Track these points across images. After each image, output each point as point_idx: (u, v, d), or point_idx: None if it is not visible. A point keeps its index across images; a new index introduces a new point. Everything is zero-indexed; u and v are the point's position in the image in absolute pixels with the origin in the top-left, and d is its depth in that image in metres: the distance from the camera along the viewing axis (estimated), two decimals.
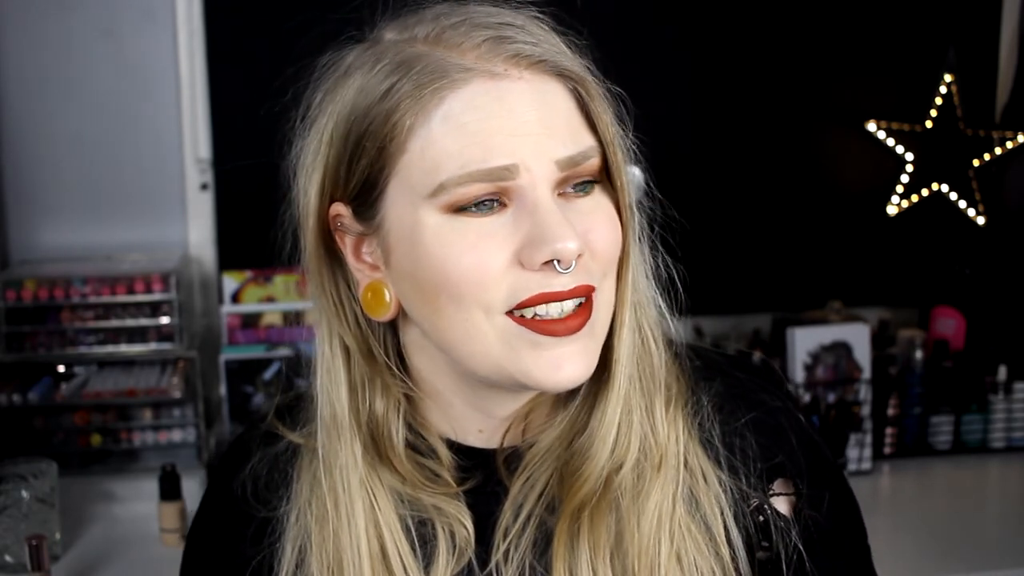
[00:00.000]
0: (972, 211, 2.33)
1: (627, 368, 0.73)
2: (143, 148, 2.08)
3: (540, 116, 0.67)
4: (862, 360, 2.00)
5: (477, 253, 0.66)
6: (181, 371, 1.90)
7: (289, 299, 2.01)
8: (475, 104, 0.66)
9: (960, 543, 1.71)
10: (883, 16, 2.28)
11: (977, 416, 2.07)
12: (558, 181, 0.68)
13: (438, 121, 0.66)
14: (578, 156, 0.68)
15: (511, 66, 0.67)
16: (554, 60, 0.68)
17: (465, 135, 0.66)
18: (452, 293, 0.67)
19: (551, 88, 0.68)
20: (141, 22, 2.04)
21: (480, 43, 0.67)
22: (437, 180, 0.66)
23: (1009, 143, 2.30)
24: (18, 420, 1.84)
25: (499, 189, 0.66)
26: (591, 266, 0.69)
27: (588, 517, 0.71)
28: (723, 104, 2.22)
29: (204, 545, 0.84)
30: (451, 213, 0.67)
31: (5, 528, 1.51)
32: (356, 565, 0.72)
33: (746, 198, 2.25)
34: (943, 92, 2.28)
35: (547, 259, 0.66)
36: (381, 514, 0.73)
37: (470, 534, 0.73)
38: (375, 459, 0.74)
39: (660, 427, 0.74)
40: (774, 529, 0.75)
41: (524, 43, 0.67)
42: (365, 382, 0.75)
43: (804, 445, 0.79)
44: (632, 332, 0.73)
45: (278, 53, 2.07)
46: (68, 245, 2.06)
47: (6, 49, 2.00)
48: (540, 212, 0.66)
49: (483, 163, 0.65)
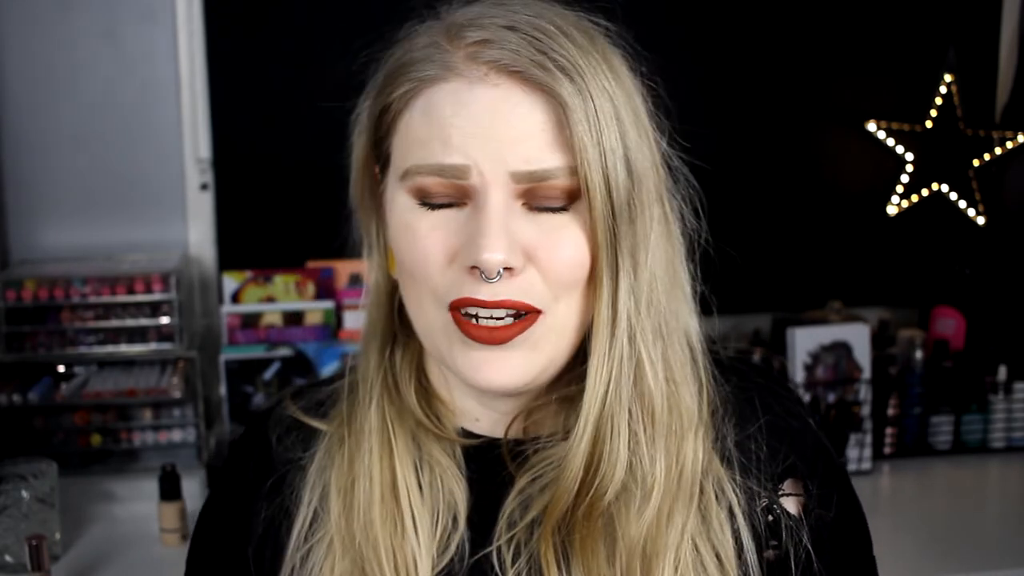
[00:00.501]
0: (972, 211, 2.33)
1: (599, 391, 0.70)
2: (143, 148, 2.08)
3: (503, 125, 0.67)
4: (862, 360, 2.00)
5: (426, 243, 0.69)
6: (181, 371, 1.90)
7: (289, 299, 2.02)
8: (448, 101, 0.68)
9: (960, 543, 1.71)
10: (883, 16, 2.28)
11: (977, 416, 2.07)
12: (519, 193, 0.68)
13: (419, 110, 0.70)
14: (538, 173, 0.67)
15: (491, 71, 0.68)
16: (533, 73, 0.67)
17: (433, 128, 0.69)
18: (411, 274, 0.71)
19: (527, 100, 0.67)
20: (141, 22, 2.04)
21: (471, 43, 0.68)
22: (406, 164, 0.70)
23: (1009, 143, 2.30)
24: (18, 420, 1.84)
25: (455, 188, 0.68)
26: (536, 286, 0.68)
27: (579, 541, 0.71)
28: (723, 104, 2.23)
29: (219, 513, 0.85)
30: (418, 202, 0.70)
31: (5, 528, 1.51)
32: (367, 490, 0.75)
33: (746, 198, 2.25)
34: (943, 92, 2.28)
35: (471, 264, 0.67)
36: (395, 447, 0.76)
37: (458, 499, 0.75)
38: (394, 395, 0.78)
39: (660, 453, 0.72)
40: (784, 529, 0.75)
41: (509, 51, 0.67)
42: (392, 332, 0.80)
43: (814, 447, 0.79)
44: (614, 356, 0.70)
45: (278, 53, 2.08)
46: (68, 245, 2.06)
47: (6, 49, 2.00)
48: (482, 216, 0.67)
49: (441, 158, 0.68)
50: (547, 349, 0.70)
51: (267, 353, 1.94)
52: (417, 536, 0.73)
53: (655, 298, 0.72)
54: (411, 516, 0.74)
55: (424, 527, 0.74)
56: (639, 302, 0.70)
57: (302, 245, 2.06)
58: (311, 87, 2.07)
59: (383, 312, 0.80)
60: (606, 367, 0.70)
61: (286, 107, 2.08)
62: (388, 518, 0.74)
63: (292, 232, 2.09)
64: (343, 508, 0.75)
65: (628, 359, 0.70)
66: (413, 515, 0.74)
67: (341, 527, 0.75)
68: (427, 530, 0.74)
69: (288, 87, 2.07)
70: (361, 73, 0.77)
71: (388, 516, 0.74)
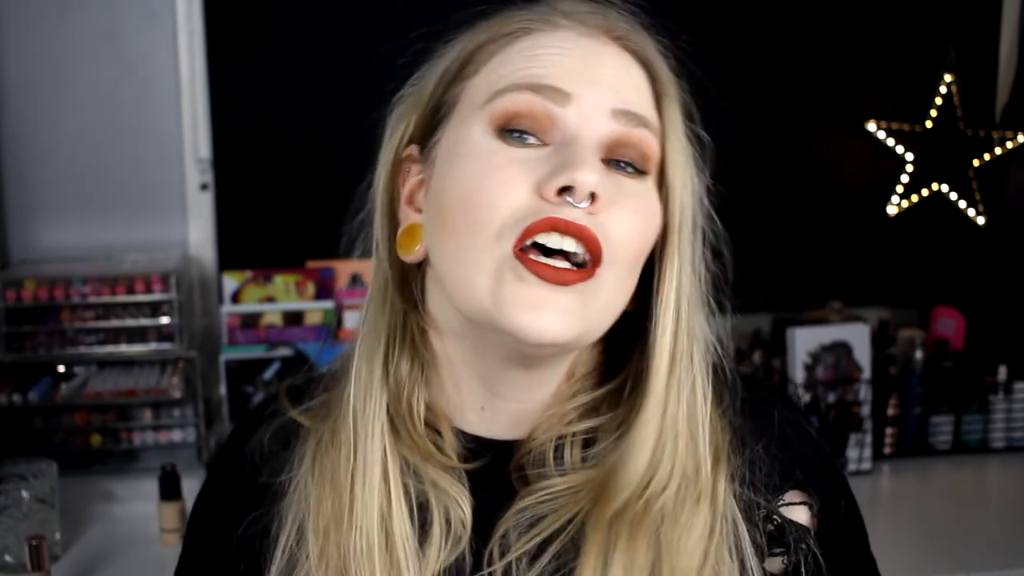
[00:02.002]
0: (972, 211, 2.33)
1: (666, 388, 0.70)
2: (143, 148, 2.08)
3: (611, 74, 0.69)
4: (862, 360, 2.00)
5: (501, 174, 0.66)
6: (181, 371, 1.90)
7: (289, 299, 2.02)
8: (555, 45, 0.69)
9: (960, 543, 1.71)
10: (883, 16, 2.28)
11: (977, 416, 2.07)
12: (609, 139, 0.67)
13: (518, 49, 0.70)
14: (636, 116, 0.68)
15: (601, 32, 0.70)
16: (637, 44, 0.71)
17: (535, 60, 0.68)
18: (470, 214, 0.66)
19: (630, 62, 0.70)
20: (141, 22, 2.04)
21: (582, 13, 0.71)
22: (496, 87, 0.68)
23: (1009, 143, 2.30)
24: (18, 420, 1.84)
25: (546, 114, 0.67)
26: (606, 230, 0.66)
27: (627, 536, 0.68)
28: (723, 104, 2.22)
29: (208, 509, 0.84)
30: (493, 133, 0.67)
31: (5, 528, 1.51)
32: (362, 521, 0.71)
33: (746, 198, 2.25)
34: (943, 92, 2.28)
35: (562, 184, 0.64)
36: (391, 476, 0.72)
37: (466, 516, 0.72)
38: (395, 419, 0.74)
39: (704, 459, 0.71)
40: (790, 537, 0.74)
41: (615, 21, 0.71)
42: (398, 335, 0.75)
43: (816, 457, 0.79)
44: (676, 360, 0.70)
45: (278, 53, 2.08)
46: (68, 245, 2.06)
47: (6, 49, 2.01)
48: (574, 146, 0.66)
49: (540, 79, 0.67)
50: (593, 311, 0.67)
51: (267, 353, 1.94)
52: (409, 568, 0.71)
53: (692, 298, 0.72)
54: (403, 549, 0.71)
55: (414, 559, 0.71)
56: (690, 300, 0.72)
57: (302, 245, 2.06)
58: (311, 87, 2.07)
59: (389, 310, 0.75)
60: (668, 359, 0.70)
61: (286, 107, 2.08)
62: (379, 551, 0.71)
63: (292, 232, 2.09)
64: (329, 541, 0.72)
65: (687, 359, 0.70)
66: (405, 547, 0.71)
67: (330, 561, 0.72)
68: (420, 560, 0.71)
69: (288, 87, 2.07)
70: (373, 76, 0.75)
71: (380, 549, 0.71)
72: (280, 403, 0.82)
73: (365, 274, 1.83)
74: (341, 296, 2.04)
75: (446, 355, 0.75)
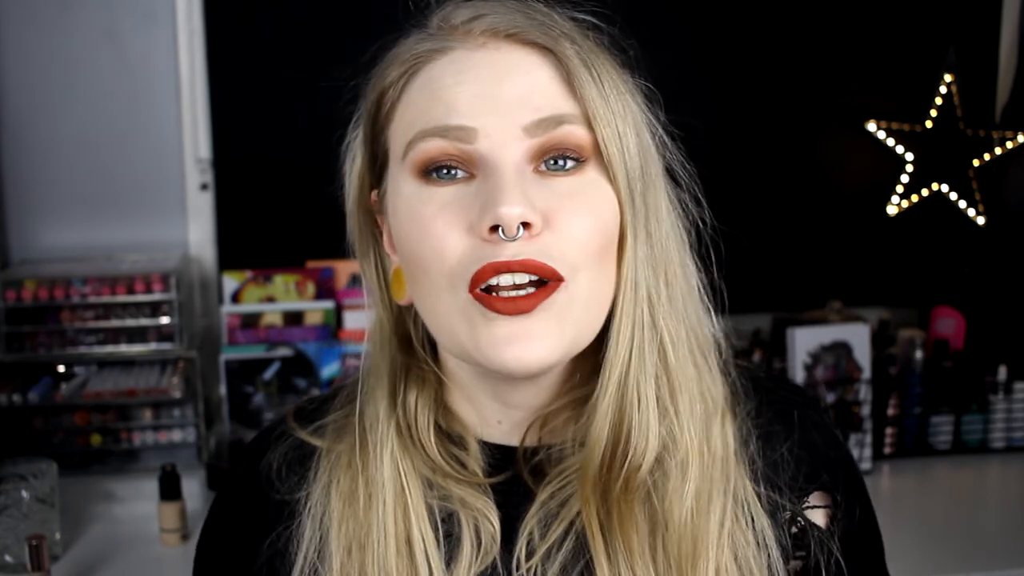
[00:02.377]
0: (972, 211, 2.33)
1: (623, 356, 0.68)
2: (143, 148, 2.08)
3: (508, 84, 0.66)
4: (862, 360, 2.00)
5: (437, 223, 0.66)
6: (181, 371, 1.90)
7: (289, 299, 2.02)
8: (449, 71, 0.67)
9: (960, 543, 1.71)
10: (883, 16, 2.28)
11: (977, 416, 2.07)
12: (532, 151, 0.66)
13: (417, 88, 0.69)
14: (550, 119, 0.66)
15: (489, 38, 0.68)
16: (529, 32, 0.67)
17: (434, 96, 0.67)
18: (423, 267, 0.68)
19: (530, 58, 0.67)
20: (141, 22, 2.04)
21: (467, 19, 0.69)
22: (407, 138, 0.68)
23: (1009, 143, 2.30)
24: (18, 420, 1.84)
25: (460, 152, 0.66)
26: (554, 249, 0.65)
27: (617, 516, 0.69)
28: (723, 104, 2.23)
29: (223, 527, 0.83)
30: (420, 180, 0.67)
31: (5, 528, 1.51)
32: (381, 544, 0.72)
33: (746, 198, 2.25)
34: (943, 92, 2.28)
35: (490, 224, 0.63)
36: (411, 498, 0.72)
37: (496, 531, 0.72)
38: (408, 443, 0.74)
39: (687, 428, 0.71)
40: (812, 540, 0.74)
41: (505, 18, 0.68)
42: (403, 369, 0.76)
43: (839, 460, 0.79)
44: (636, 322, 0.69)
45: (278, 53, 2.08)
46: (68, 245, 2.06)
47: (6, 49, 2.00)
48: (495, 178, 0.64)
49: (443, 119, 0.66)
50: (571, 322, 0.67)
51: (267, 353, 1.94)
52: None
53: (671, 272, 0.71)
54: (427, 570, 0.71)
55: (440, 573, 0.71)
56: (657, 272, 0.70)
57: (302, 245, 2.06)
58: (311, 87, 2.07)
59: (388, 352, 0.76)
60: (627, 329, 0.68)
61: (286, 107, 2.08)
62: (404, 573, 0.71)
63: (292, 232, 2.09)
64: (351, 562, 0.73)
65: (650, 327, 0.69)
66: (430, 568, 0.71)
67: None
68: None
69: (288, 87, 2.07)
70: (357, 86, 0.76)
71: (404, 571, 0.71)
72: (287, 425, 0.82)
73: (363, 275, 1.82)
74: (341, 296, 2.04)
75: (459, 376, 0.76)
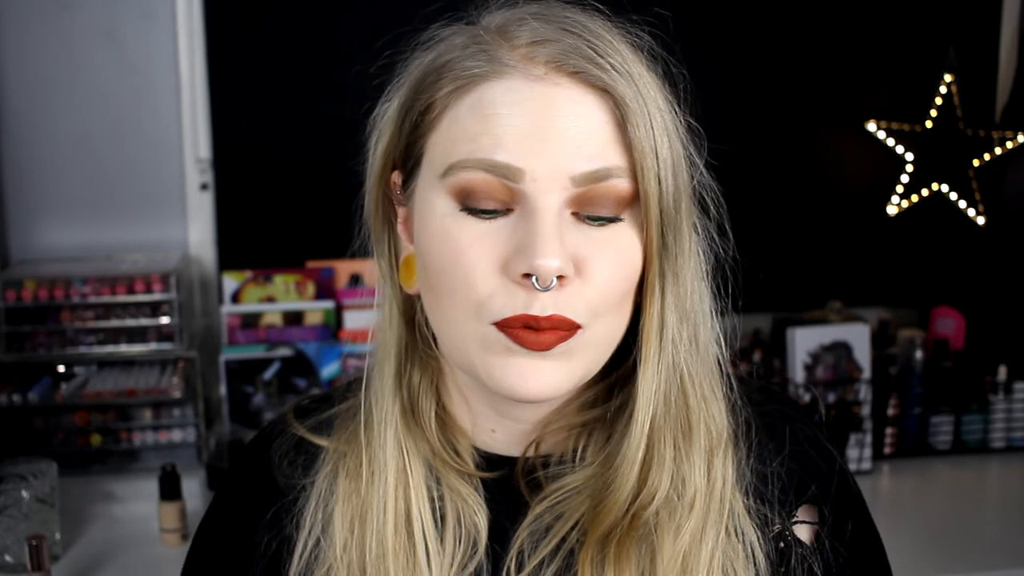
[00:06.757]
0: (972, 211, 2.33)
1: (652, 404, 0.70)
2: (143, 148, 2.08)
3: (562, 125, 0.65)
4: (862, 360, 2.00)
5: (471, 254, 0.66)
6: (181, 371, 1.90)
7: (289, 299, 2.02)
8: (505, 99, 0.65)
9: (960, 543, 1.71)
10: (883, 16, 2.28)
11: (977, 416, 2.07)
12: (574, 198, 0.65)
13: (468, 106, 0.66)
14: (600, 172, 0.65)
15: (551, 70, 0.65)
16: (593, 73, 0.65)
17: (486, 123, 0.65)
18: (449, 288, 0.67)
19: (587, 99, 0.65)
20: (141, 22, 2.04)
21: (530, 42, 0.66)
22: (450, 160, 0.66)
23: (1009, 143, 2.30)
24: (18, 420, 1.84)
25: (503, 190, 0.65)
26: (578, 299, 0.66)
27: (614, 550, 0.70)
28: (723, 104, 2.23)
29: (227, 510, 0.84)
30: (459, 206, 0.66)
31: (5, 528, 1.51)
32: (380, 520, 0.73)
33: (746, 198, 2.25)
34: (943, 92, 2.28)
35: (525, 272, 0.64)
36: (412, 477, 0.74)
37: (481, 525, 0.73)
38: (411, 423, 0.75)
39: (696, 467, 0.72)
40: (794, 556, 0.74)
41: (568, 51, 0.65)
42: (408, 349, 0.77)
43: (830, 474, 0.79)
44: (663, 369, 0.70)
45: (278, 53, 2.08)
46: (68, 245, 2.06)
47: (6, 49, 2.01)
48: (534, 222, 0.64)
49: (491, 154, 0.64)
50: (582, 361, 0.68)
51: (267, 353, 1.94)
52: (430, 569, 0.72)
53: (692, 308, 0.71)
54: (424, 548, 0.72)
55: (437, 559, 0.72)
56: (680, 314, 0.70)
57: (302, 245, 2.07)
58: (311, 87, 2.07)
59: (396, 329, 0.77)
60: (655, 376, 0.69)
61: (286, 107, 2.08)
62: (401, 550, 0.72)
63: (292, 232, 2.09)
64: (352, 539, 0.74)
65: (675, 371, 0.70)
66: (427, 547, 0.72)
67: (352, 559, 0.73)
68: (441, 561, 0.72)
69: (288, 87, 2.07)
70: (375, 76, 0.75)
71: (401, 548, 0.72)
72: (288, 422, 0.83)
73: (365, 274, 1.83)
74: (341, 296, 2.04)
75: (458, 376, 0.76)
